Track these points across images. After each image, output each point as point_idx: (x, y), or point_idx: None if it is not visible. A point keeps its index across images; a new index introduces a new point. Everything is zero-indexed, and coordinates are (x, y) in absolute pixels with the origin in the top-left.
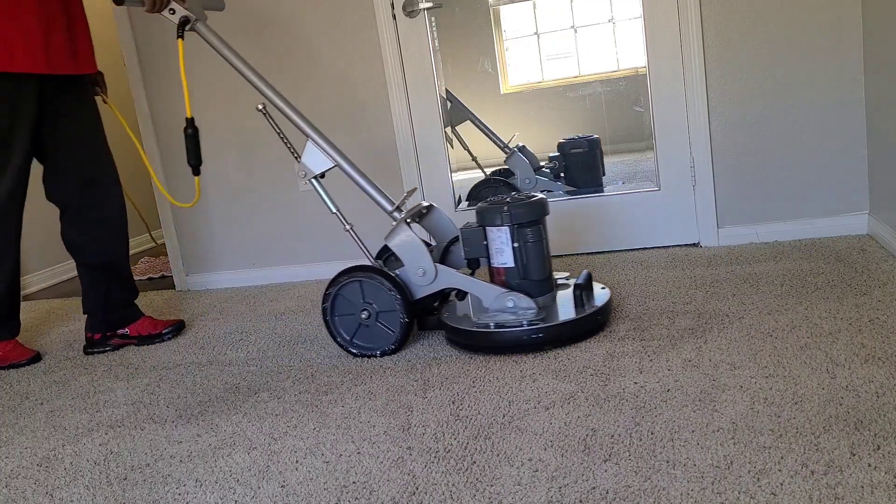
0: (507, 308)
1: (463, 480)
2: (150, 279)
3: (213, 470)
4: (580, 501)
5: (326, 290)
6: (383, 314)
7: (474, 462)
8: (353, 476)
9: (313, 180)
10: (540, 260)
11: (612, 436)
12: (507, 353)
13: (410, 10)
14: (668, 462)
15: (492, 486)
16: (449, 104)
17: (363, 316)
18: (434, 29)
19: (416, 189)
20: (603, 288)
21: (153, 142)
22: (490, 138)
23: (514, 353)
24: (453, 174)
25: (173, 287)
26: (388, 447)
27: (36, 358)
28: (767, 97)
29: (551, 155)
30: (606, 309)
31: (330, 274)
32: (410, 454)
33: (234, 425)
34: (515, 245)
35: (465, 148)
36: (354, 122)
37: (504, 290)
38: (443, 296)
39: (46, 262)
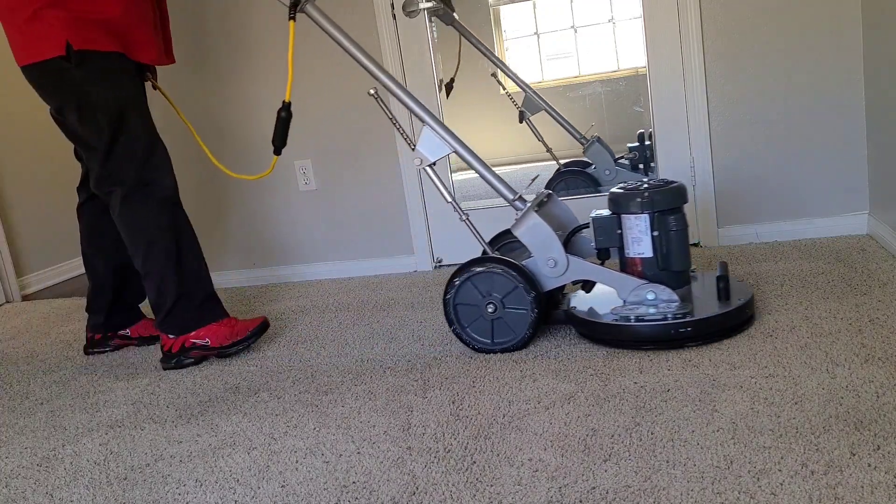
0: (647, 300)
1: (463, 480)
2: None
3: (213, 470)
4: (580, 501)
5: (449, 282)
6: (510, 308)
7: (474, 462)
8: (353, 476)
9: (428, 168)
10: (682, 250)
11: (612, 436)
12: (649, 348)
13: (410, 10)
14: (668, 462)
15: (492, 486)
16: (523, 94)
17: (489, 309)
18: (434, 29)
19: (538, 176)
20: (740, 281)
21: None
22: (565, 128)
23: (656, 349)
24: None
25: None
26: (388, 447)
27: (264, 325)
28: (767, 97)
29: (631, 145)
30: (752, 303)
31: (329, 274)
32: (410, 454)
33: (234, 425)
34: (655, 233)
35: (540, 139)
36: (354, 122)
37: (642, 281)
38: (562, 289)
39: (46, 263)
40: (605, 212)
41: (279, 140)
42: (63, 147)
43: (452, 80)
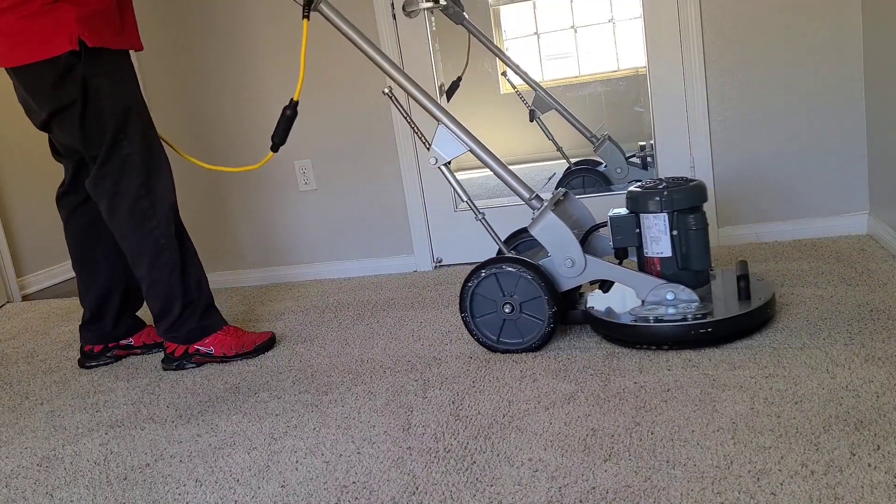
0: (667, 300)
1: (463, 480)
2: None
3: (213, 470)
4: (580, 501)
5: (467, 278)
6: (527, 308)
7: (474, 462)
8: (353, 476)
9: (443, 167)
10: (702, 249)
11: (612, 436)
12: (669, 348)
13: (410, 10)
14: (668, 462)
15: (492, 486)
16: (533, 93)
17: (506, 309)
18: (434, 29)
19: (554, 174)
20: (760, 279)
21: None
22: (576, 127)
23: (676, 349)
24: (465, 171)
25: None
26: (388, 447)
27: (271, 341)
28: (767, 97)
29: (641, 143)
30: (773, 302)
31: (329, 274)
32: (410, 454)
33: (234, 425)
34: (674, 233)
35: (550, 137)
36: (354, 122)
37: (661, 281)
38: (578, 288)
39: (46, 263)
40: (623, 210)
41: (279, 137)
42: None
43: (459, 78)
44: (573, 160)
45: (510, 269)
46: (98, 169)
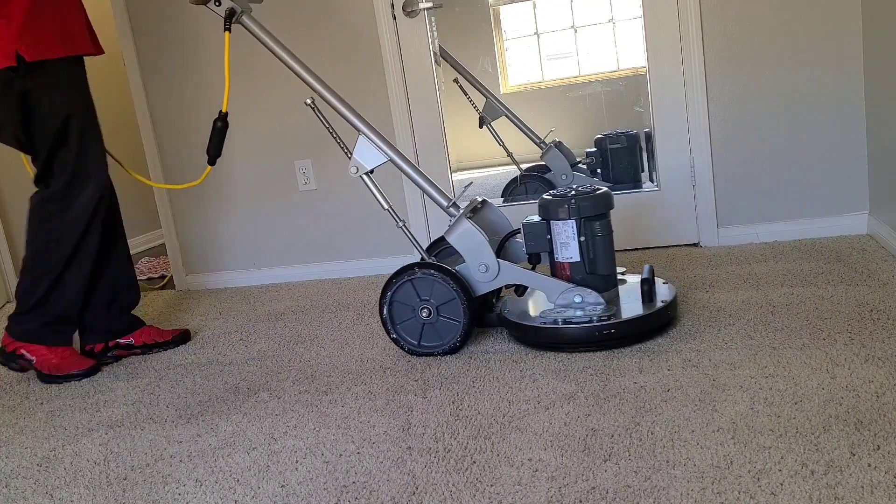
0: (574, 304)
1: (463, 480)
2: (149, 279)
3: (213, 470)
4: (580, 501)
5: (386, 285)
6: (444, 312)
7: (474, 462)
8: (353, 476)
9: (365, 176)
10: (608, 254)
11: (612, 436)
12: (576, 350)
13: (410, 10)
14: (668, 462)
15: (492, 486)
16: (484, 99)
17: (423, 314)
18: (434, 29)
19: (471, 183)
20: (665, 282)
21: (151, 137)
22: (525, 133)
23: (583, 351)
24: (466, 171)
25: (173, 287)
26: (388, 447)
27: (91, 370)
28: (767, 97)
29: (588, 150)
30: (675, 304)
31: (329, 274)
32: (410, 454)
33: (234, 425)
34: (582, 239)
35: (501, 144)
36: None
37: (570, 285)
38: (497, 292)
39: None
40: (536, 218)
41: (214, 150)
42: None
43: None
44: (527, 166)
45: (422, 273)
46: (39, 173)
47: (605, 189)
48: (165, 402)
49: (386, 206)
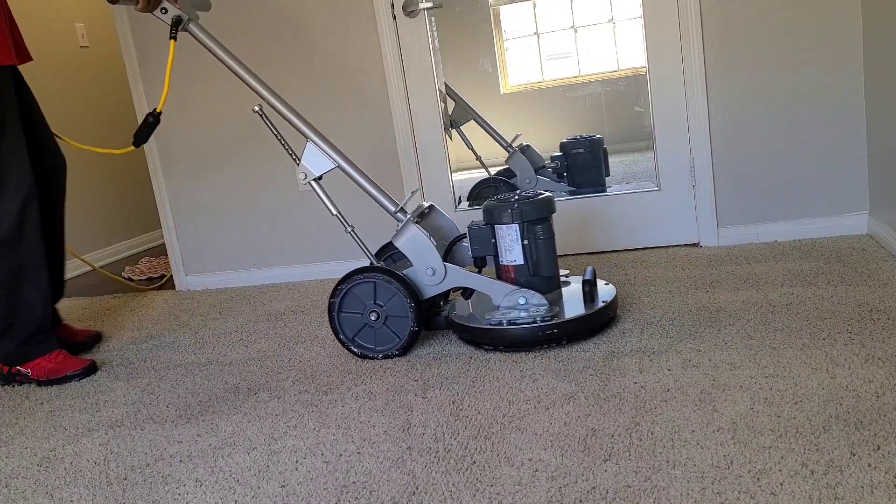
0: (519, 305)
1: (463, 480)
2: (150, 279)
3: (213, 470)
4: (580, 501)
5: (334, 290)
6: (392, 315)
7: (474, 462)
8: (353, 476)
9: (313, 182)
10: (550, 256)
11: (612, 436)
12: (521, 349)
13: (410, 10)
14: (668, 462)
15: (492, 486)
16: (453, 103)
17: (371, 317)
18: (434, 29)
19: (418, 189)
20: (607, 284)
21: (151, 139)
22: (493, 137)
23: (527, 350)
24: (454, 174)
25: (173, 287)
26: (388, 447)
27: (88, 369)
28: (767, 97)
29: (553, 155)
30: (615, 304)
31: (329, 274)
32: (410, 454)
33: (234, 425)
34: (525, 242)
35: (470, 147)
36: (354, 123)
37: (514, 287)
38: (445, 296)
39: None
40: (481, 222)
41: (141, 138)
42: (63, 147)
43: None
44: (497, 170)
45: (360, 278)
46: None
47: (548, 194)
48: (165, 402)
49: (335, 212)
